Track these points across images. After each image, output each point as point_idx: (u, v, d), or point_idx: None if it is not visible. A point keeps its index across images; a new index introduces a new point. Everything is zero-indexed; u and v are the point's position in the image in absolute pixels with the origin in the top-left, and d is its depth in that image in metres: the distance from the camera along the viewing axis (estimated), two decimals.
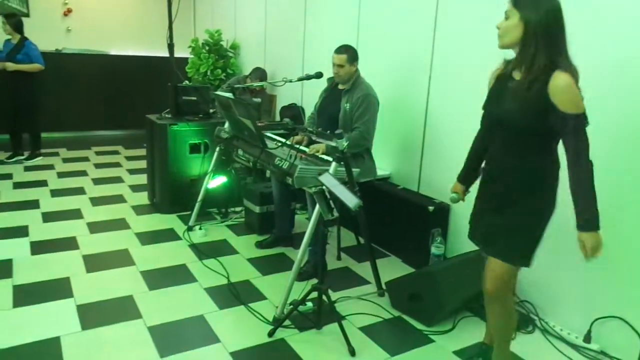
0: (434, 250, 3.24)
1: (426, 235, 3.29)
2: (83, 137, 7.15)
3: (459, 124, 3.25)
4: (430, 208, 3.30)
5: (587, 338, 2.48)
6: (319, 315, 2.61)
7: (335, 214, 2.39)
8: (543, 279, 2.71)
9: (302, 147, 3.27)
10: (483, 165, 2.10)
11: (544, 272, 2.66)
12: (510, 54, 1.87)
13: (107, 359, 2.30)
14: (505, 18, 1.80)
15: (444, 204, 3.36)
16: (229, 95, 3.23)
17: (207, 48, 6.30)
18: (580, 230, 1.74)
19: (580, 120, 1.72)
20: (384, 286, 3.01)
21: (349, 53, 3.33)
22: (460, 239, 3.29)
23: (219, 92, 3.52)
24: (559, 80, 1.70)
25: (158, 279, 3.11)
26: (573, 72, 1.72)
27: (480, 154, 2.15)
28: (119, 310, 2.72)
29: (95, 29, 7.34)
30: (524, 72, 1.78)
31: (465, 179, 2.26)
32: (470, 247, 3.02)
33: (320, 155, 3.11)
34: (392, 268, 3.34)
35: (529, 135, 1.82)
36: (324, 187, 2.40)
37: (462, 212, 3.28)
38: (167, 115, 4.26)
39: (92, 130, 7.36)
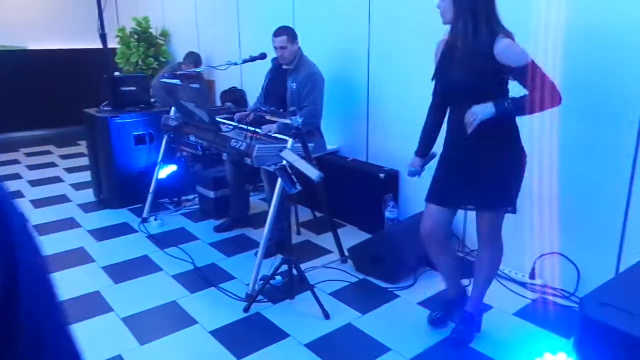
0: (387, 214, 3.44)
1: (379, 202, 3.48)
2: (8, 139, 6.71)
3: (400, 93, 3.44)
4: (381, 175, 3.48)
5: (532, 275, 2.78)
6: (290, 286, 2.73)
7: (298, 187, 2.50)
8: None
9: (254, 129, 3.32)
10: (445, 135, 2.24)
11: None
12: None
13: (88, 352, 2.29)
14: None
15: (393, 171, 3.56)
16: (176, 81, 3.22)
17: (135, 37, 6.10)
18: (497, 109, 1.94)
19: (530, 66, 1.93)
20: (346, 253, 3.18)
21: (287, 33, 3.39)
22: (410, 202, 3.51)
23: (165, 80, 3.49)
24: (501, 44, 1.91)
25: (122, 272, 3.09)
26: (509, 34, 1.93)
27: (435, 125, 2.29)
28: (88, 306, 2.70)
29: (8, 23, 6.85)
30: (461, 43, 1.97)
31: (424, 151, 2.36)
32: (420, 208, 3.26)
33: (272, 134, 3.18)
34: (351, 236, 3.50)
35: (480, 96, 2.00)
36: (285, 163, 2.50)
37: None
38: (106, 108, 4.14)
39: (16, 131, 6.92)
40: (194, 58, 5.16)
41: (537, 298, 2.73)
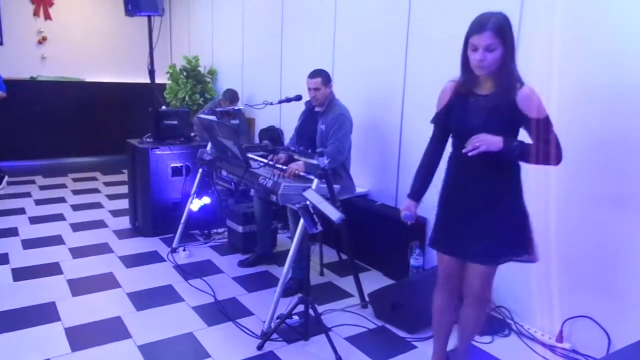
0: (412, 262, 3.38)
1: (405, 248, 3.43)
2: (59, 164, 7.10)
3: None
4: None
5: (559, 338, 2.63)
6: (306, 327, 2.69)
7: (319, 227, 2.50)
8: (516, 285, 2.87)
9: (282, 167, 3.38)
10: (445, 178, 2.19)
11: (517, 278, 2.82)
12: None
13: None
14: (490, 50, 1.90)
15: (421, 218, 3.51)
16: (212, 117, 3.34)
17: (184, 74, 6.42)
18: (505, 145, 1.90)
19: (548, 119, 1.91)
20: (367, 298, 3.12)
21: (322, 76, 3.48)
22: None
23: (202, 115, 3.63)
24: (526, 91, 1.91)
25: (145, 299, 3.15)
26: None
27: (432, 169, 2.25)
28: (108, 331, 2.76)
29: (71, 57, 7.38)
30: (496, 91, 1.95)
31: (418, 194, 2.31)
32: None
33: (300, 174, 3.22)
34: (374, 281, 3.46)
35: None
36: (308, 203, 2.52)
37: None
38: (148, 140, 4.33)
39: (68, 157, 7.32)
40: (230, 95, 5.30)
41: None
